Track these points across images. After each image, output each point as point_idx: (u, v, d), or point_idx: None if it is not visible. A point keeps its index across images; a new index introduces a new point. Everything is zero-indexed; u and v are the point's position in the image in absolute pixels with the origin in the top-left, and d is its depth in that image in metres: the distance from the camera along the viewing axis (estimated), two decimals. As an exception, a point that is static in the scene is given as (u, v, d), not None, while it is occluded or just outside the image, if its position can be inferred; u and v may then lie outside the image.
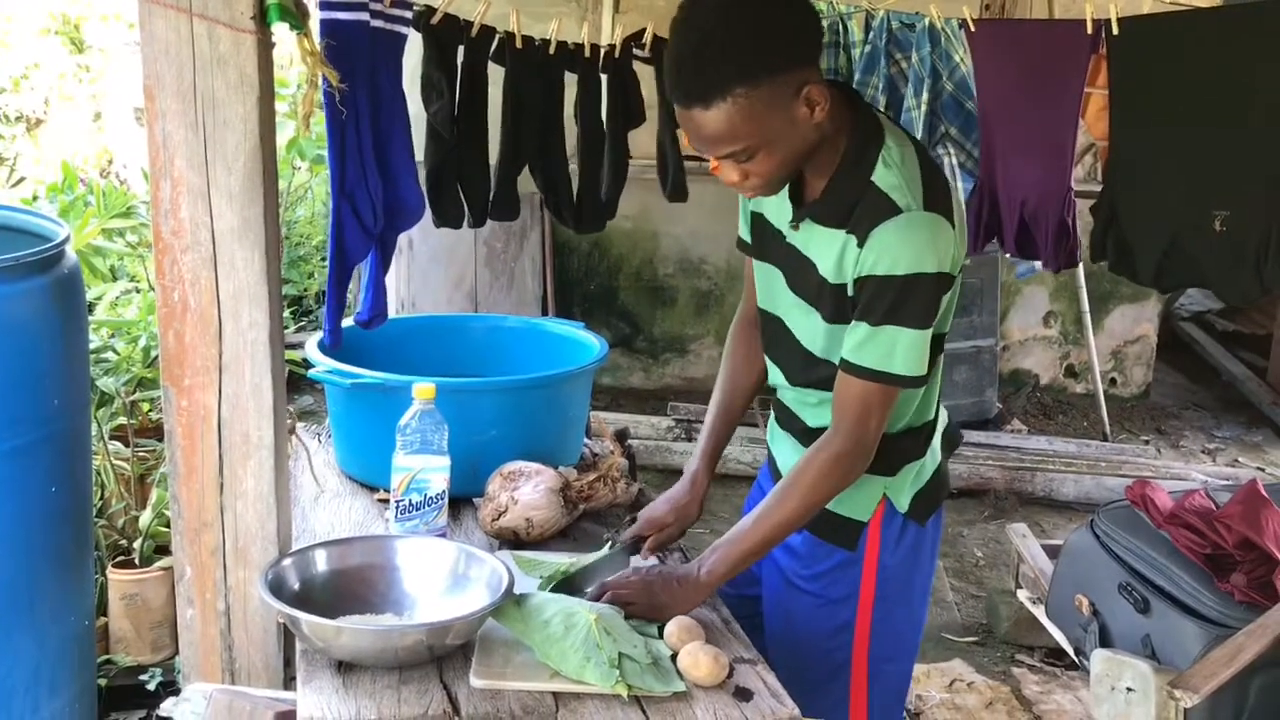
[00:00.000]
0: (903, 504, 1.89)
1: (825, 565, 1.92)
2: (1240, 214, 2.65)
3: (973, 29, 3.39)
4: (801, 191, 1.79)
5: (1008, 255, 3.80)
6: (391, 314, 2.41)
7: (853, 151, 1.71)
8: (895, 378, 1.72)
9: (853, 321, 1.73)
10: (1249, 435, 5.78)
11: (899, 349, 1.70)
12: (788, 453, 1.96)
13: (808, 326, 1.84)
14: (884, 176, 1.69)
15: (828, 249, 1.75)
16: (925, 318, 1.71)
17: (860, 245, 1.69)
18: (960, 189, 3.56)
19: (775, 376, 1.98)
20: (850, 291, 1.74)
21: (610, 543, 1.93)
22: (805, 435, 1.91)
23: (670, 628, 1.70)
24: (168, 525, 2.98)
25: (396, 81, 2.27)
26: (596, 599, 1.74)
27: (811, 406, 1.89)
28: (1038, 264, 4.51)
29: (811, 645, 1.94)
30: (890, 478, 1.88)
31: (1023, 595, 3.49)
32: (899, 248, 1.66)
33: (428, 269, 5.18)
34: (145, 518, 3.16)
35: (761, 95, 1.58)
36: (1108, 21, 2.91)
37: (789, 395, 1.95)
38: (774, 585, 2.00)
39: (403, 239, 4.88)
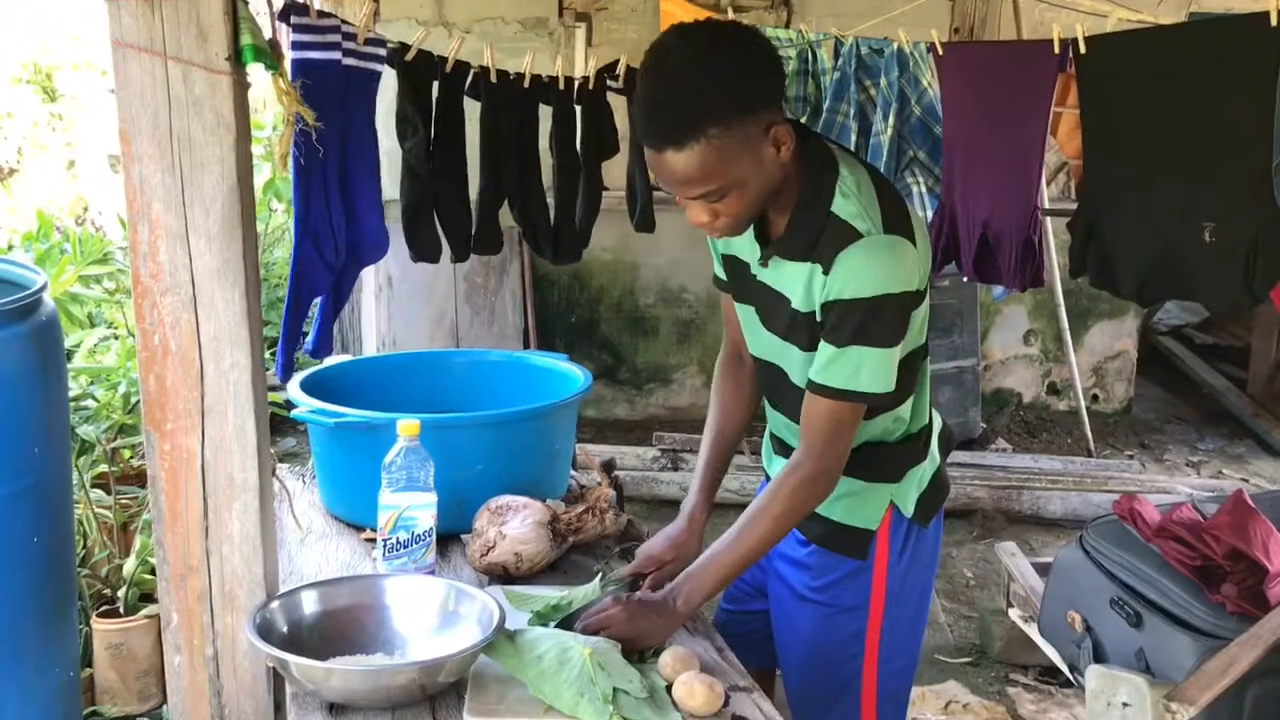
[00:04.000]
0: (908, 509, 1.93)
1: (835, 575, 1.94)
2: (1228, 223, 2.64)
3: (940, 53, 3.42)
4: (766, 229, 1.82)
5: (964, 279, 3.78)
6: (372, 352, 2.41)
7: (810, 185, 1.75)
8: (862, 395, 1.75)
9: (820, 344, 1.75)
10: (1231, 447, 5.80)
11: (865, 368, 1.73)
12: None
13: (793, 363, 1.85)
14: (842, 206, 1.72)
15: (797, 281, 1.78)
16: (892, 337, 1.74)
17: (826, 273, 1.72)
18: (928, 213, 3.56)
19: (777, 419, 1.98)
20: (819, 317, 1.76)
21: (600, 574, 1.91)
22: None
23: (665, 658, 1.69)
24: (152, 572, 2.96)
25: (367, 119, 2.27)
26: (580, 632, 1.73)
27: None
28: None
29: (825, 656, 1.96)
30: (896, 484, 1.92)
31: (1014, 614, 3.48)
32: (864, 272, 1.69)
33: (408, 306, 5.17)
34: (129, 565, 3.12)
35: (734, 136, 1.62)
36: (1075, 41, 2.94)
37: (791, 431, 1.96)
38: (782, 599, 2.01)
39: (382, 277, 4.89)
